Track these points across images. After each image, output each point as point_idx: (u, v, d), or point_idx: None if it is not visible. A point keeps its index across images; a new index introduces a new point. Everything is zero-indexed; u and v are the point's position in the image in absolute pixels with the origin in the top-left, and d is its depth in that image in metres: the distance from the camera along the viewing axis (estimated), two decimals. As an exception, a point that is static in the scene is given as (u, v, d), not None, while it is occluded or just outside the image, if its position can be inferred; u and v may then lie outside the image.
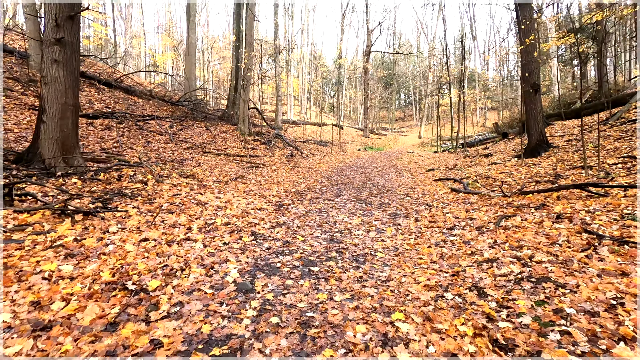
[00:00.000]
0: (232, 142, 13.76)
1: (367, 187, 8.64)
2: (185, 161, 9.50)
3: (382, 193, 7.72)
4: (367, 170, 12.49)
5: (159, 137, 11.51)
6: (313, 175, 10.27)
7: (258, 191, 6.81)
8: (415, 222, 5.03)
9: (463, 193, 6.84)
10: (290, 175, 9.75)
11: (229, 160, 10.75)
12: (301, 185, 8.34)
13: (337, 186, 8.63)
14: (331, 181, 9.44)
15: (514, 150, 12.30)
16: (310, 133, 25.20)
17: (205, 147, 12.12)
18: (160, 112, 14.52)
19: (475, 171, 9.75)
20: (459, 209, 5.50)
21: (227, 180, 7.51)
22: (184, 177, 6.93)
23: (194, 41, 17.11)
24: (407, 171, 12.22)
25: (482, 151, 15.32)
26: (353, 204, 6.35)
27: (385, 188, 8.46)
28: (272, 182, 8.30)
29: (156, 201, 4.98)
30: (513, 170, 8.56)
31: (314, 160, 14.32)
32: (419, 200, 6.73)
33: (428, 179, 9.98)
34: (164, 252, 3.29)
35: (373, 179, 10.18)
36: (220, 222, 4.43)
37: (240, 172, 9.04)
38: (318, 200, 6.66)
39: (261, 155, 13.16)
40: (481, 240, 3.88)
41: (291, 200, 6.43)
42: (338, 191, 7.88)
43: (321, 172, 11.35)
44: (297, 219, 5.09)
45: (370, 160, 16.31)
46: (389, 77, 42.58)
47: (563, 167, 7.74)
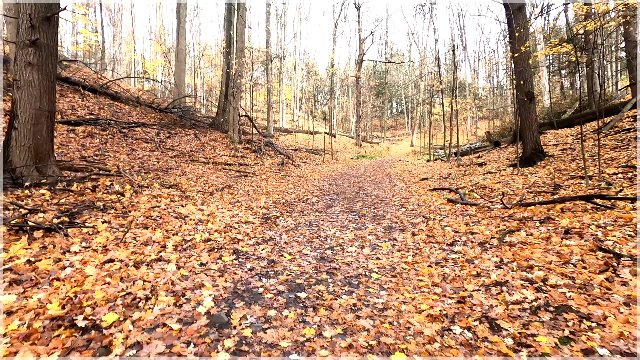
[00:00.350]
0: (221, 150, 13.33)
1: (360, 197, 8.28)
2: (171, 170, 9.05)
3: (375, 204, 7.37)
4: (360, 179, 12.15)
5: (144, 145, 11.04)
6: (304, 185, 9.89)
7: (245, 202, 6.39)
8: (412, 237, 4.67)
9: (460, 204, 6.52)
10: (281, 185, 9.35)
11: (217, 169, 10.32)
12: (291, 195, 7.94)
13: (329, 196, 8.26)
14: (323, 191, 9.06)
15: (508, 159, 12.11)
16: (302, 141, 24.88)
17: (193, 155, 11.68)
18: (148, 119, 14.06)
19: (471, 181, 9.47)
20: (458, 222, 5.16)
21: (213, 190, 7.09)
22: (166, 188, 6.49)
23: (184, 47, 16.75)
24: (401, 180, 11.92)
25: (475, 160, 15.13)
26: (345, 216, 5.97)
27: (379, 198, 8.11)
28: (261, 192, 7.89)
29: (131, 214, 4.54)
30: (510, 180, 8.30)
31: (305, 169, 13.95)
32: (415, 211, 6.38)
33: (422, 189, 9.67)
34: (129, 276, 2.86)
35: (366, 188, 9.84)
36: (200, 238, 4.01)
37: (227, 181, 8.61)
38: (309, 211, 6.27)
39: (251, 163, 12.75)
40: (486, 258, 3.53)
41: (280, 212, 6.03)
42: (330, 202, 7.51)
43: (313, 181, 10.98)
44: (285, 233, 4.69)
45: (363, 169, 16.00)
46: (381, 86, 42.70)
47: (561, 177, 7.49)
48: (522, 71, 9.97)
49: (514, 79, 13.74)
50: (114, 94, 14.37)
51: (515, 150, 13.56)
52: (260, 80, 31.14)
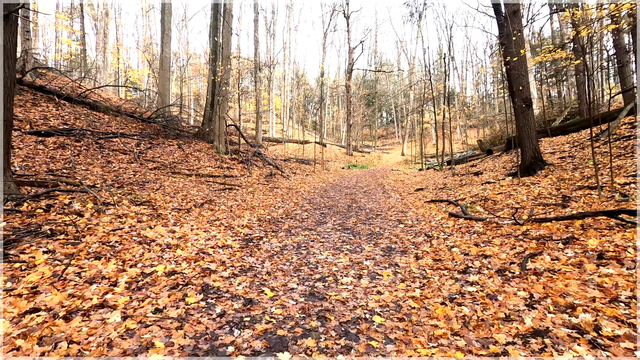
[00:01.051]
0: (206, 161, 12.58)
1: (353, 211, 7.62)
2: (148, 183, 8.28)
3: (370, 219, 6.70)
4: (353, 190, 11.51)
5: (122, 157, 10.24)
6: (293, 198, 9.19)
7: (226, 220, 5.66)
8: (416, 261, 4.00)
9: (464, 219, 5.90)
10: (268, 198, 8.63)
11: (200, 182, 9.57)
12: (279, 210, 7.23)
13: (320, 211, 7.58)
14: (313, 204, 8.38)
15: (505, 168, 11.63)
16: (292, 151, 24.24)
17: (175, 167, 10.91)
18: (128, 129, 13.25)
19: (470, 191, 8.91)
20: (466, 242, 4.52)
21: (191, 207, 6.34)
22: (136, 205, 5.72)
23: (168, 55, 16.07)
24: (395, 191, 11.31)
25: (470, 169, 14.66)
26: (338, 235, 5.28)
27: (373, 212, 7.46)
28: (245, 207, 7.17)
29: (85, 240, 3.78)
30: (511, 191, 7.75)
31: (295, 180, 13.26)
32: (415, 228, 5.73)
33: (419, 200, 9.07)
34: (52, 335, 2.12)
35: (359, 201, 9.19)
36: (163, 270, 3.28)
37: (209, 195, 7.87)
38: (297, 230, 5.56)
39: (238, 175, 12.02)
40: (510, 292, 2.88)
41: (265, 231, 5.32)
42: (321, 217, 6.82)
43: (302, 193, 10.29)
44: (269, 260, 3.97)
45: (355, 179, 15.38)
46: (371, 95, 42.55)
47: (567, 187, 6.96)
48: (519, 77, 9.55)
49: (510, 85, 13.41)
50: (92, 103, 13.55)
51: (511, 159, 13.15)
52: (250, 89, 30.57)
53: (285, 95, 37.12)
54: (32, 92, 12.31)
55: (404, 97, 42.99)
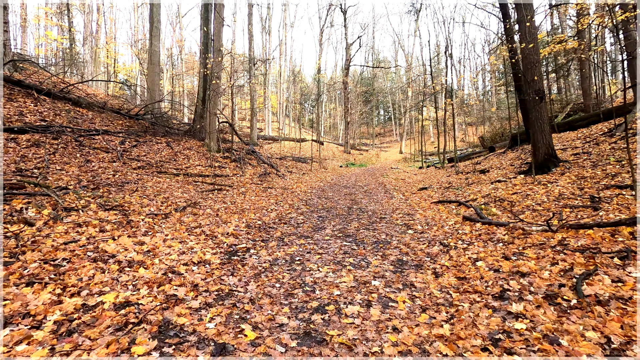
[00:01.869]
0: (196, 159, 11.76)
1: (354, 213, 6.85)
2: (128, 184, 7.47)
3: (374, 223, 5.93)
4: (352, 190, 10.74)
5: (103, 155, 9.42)
6: (288, 199, 8.40)
7: (209, 227, 4.87)
8: (435, 280, 3.24)
9: (481, 223, 5.14)
10: (260, 200, 7.84)
11: (187, 182, 8.76)
12: (271, 214, 6.44)
13: (318, 213, 6.80)
14: (310, 206, 7.60)
15: (513, 166, 10.90)
16: (288, 149, 23.44)
17: (162, 166, 10.09)
18: (114, 126, 12.40)
19: (480, 191, 8.16)
20: (492, 254, 3.76)
21: (171, 210, 5.54)
22: (106, 210, 4.92)
23: (158, 49, 15.19)
24: (398, 191, 10.55)
25: (474, 167, 13.93)
26: (339, 245, 4.51)
27: (377, 215, 6.69)
28: (234, 210, 6.37)
29: (23, 258, 2.99)
30: (527, 191, 7.00)
31: (291, 180, 12.47)
32: (427, 235, 4.97)
33: (424, 201, 8.31)
34: None
35: (360, 201, 8.42)
36: (113, 300, 2.49)
37: (195, 197, 7.07)
38: (291, 238, 4.78)
39: (230, 174, 11.22)
40: (575, 332, 2.11)
41: (253, 240, 4.53)
42: (318, 221, 6.04)
43: (298, 194, 9.50)
44: (254, 279, 3.19)
45: (354, 178, 14.62)
46: (368, 92, 41.79)
47: (591, 187, 6.23)
48: (532, 66, 8.79)
49: (516, 78, 12.67)
50: (75, 99, 12.68)
51: (518, 156, 12.44)
52: (246, 87, 29.69)
53: (281, 93, 36.26)
54: (8, 87, 11.41)
55: (401, 94, 42.28)
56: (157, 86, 15.25)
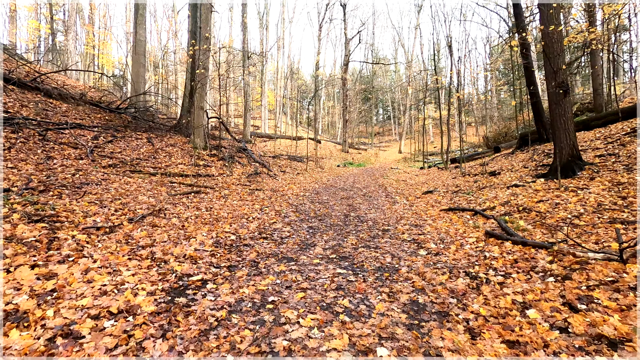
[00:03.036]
0: (179, 157, 10.60)
1: (352, 223, 5.71)
2: (88, 186, 6.32)
3: (376, 237, 4.80)
4: (350, 193, 9.60)
5: (70, 152, 8.27)
6: (277, 204, 7.26)
7: (163, 246, 3.72)
8: (472, 344, 2.11)
9: (511, 243, 4.02)
10: (243, 205, 6.69)
11: (162, 183, 7.60)
12: (252, 224, 5.29)
13: (308, 223, 5.66)
14: (300, 213, 6.46)
15: (527, 168, 9.77)
16: (284, 147, 22.26)
17: (138, 165, 8.94)
18: (90, 119, 11.22)
19: (495, 197, 7.04)
20: (544, 295, 2.62)
21: (123, 221, 4.39)
22: (32, 222, 3.76)
23: (143, 38, 13.98)
24: (400, 194, 9.42)
25: (481, 168, 12.82)
26: (331, 272, 3.37)
27: (378, 226, 5.56)
28: (207, 219, 5.22)
29: None
30: (554, 198, 5.89)
31: (283, 180, 11.32)
32: (444, 258, 3.83)
33: (431, 207, 7.19)
34: None
35: (359, 207, 7.29)
36: None
37: (163, 202, 5.91)
38: (269, 262, 3.64)
39: (215, 174, 10.06)
40: None
41: (216, 266, 3.38)
42: (308, 234, 4.90)
43: (289, 197, 8.36)
44: (195, 345, 2.05)
45: (352, 179, 13.47)
46: (367, 90, 40.61)
47: (634, 195, 5.11)
48: (554, 57, 7.66)
49: (532, 70, 11.54)
50: (49, 90, 11.49)
51: (531, 157, 11.34)
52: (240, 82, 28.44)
53: (279, 90, 35.04)
54: (-30, 75, 10.21)
55: (401, 93, 41.14)
56: (142, 78, 14.04)
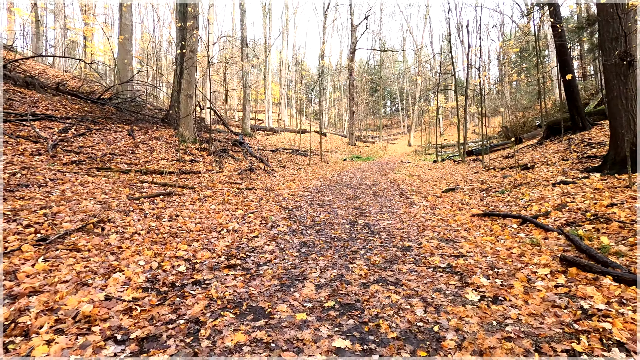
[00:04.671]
0: (162, 152, 9.19)
1: (359, 236, 4.21)
2: (28, 187, 4.95)
3: (394, 262, 3.30)
4: (357, 191, 8.09)
5: (27, 146, 6.94)
6: (267, 207, 5.79)
7: (54, 293, 2.29)
8: None
9: (611, 279, 2.49)
10: (222, 211, 5.23)
11: (127, 183, 6.18)
12: (223, 240, 3.83)
13: (301, 237, 4.18)
14: (293, 221, 4.98)
15: (568, 160, 8.10)
16: (288, 141, 20.78)
17: (110, 161, 7.56)
18: (66, 111, 9.87)
19: (542, 197, 5.44)
20: None
21: (24, 244, 2.97)
22: None
23: (129, 22, 12.56)
24: (417, 193, 7.87)
25: (505, 161, 11.15)
26: (325, 344, 1.89)
27: (395, 240, 4.05)
28: (161, 235, 3.77)
29: None
30: (631, 200, 4.30)
31: (281, 177, 9.84)
32: (511, 310, 2.31)
33: (459, 210, 5.65)
34: None
35: (368, 211, 5.78)
36: None
37: (113, 209, 4.48)
38: (222, 320, 2.18)
39: (202, 170, 8.63)
40: None
41: (120, 340, 1.94)
42: (298, 258, 3.42)
43: (284, 198, 6.88)
44: None
45: (360, 174, 11.94)
46: (374, 82, 38.71)
47: None
48: (610, 22, 5.98)
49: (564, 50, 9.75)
50: (20, 79, 10.16)
51: (568, 148, 9.66)
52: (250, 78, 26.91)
53: (283, 81, 33.43)
54: None
55: (410, 84, 39.16)
56: (129, 66, 12.65)
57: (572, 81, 10.76)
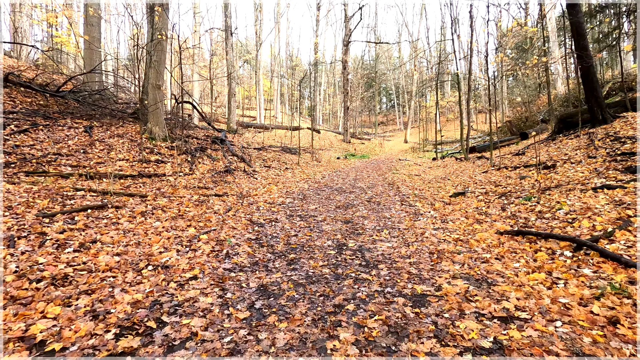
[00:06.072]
0: (123, 151, 7.78)
1: (347, 274, 2.86)
2: None
3: (402, 334, 1.96)
4: (349, 197, 6.74)
5: (-60, 145, 5.48)
6: (231, 223, 4.41)
7: None
8: None
9: None
10: (164, 232, 3.85)
11: (54, 193, 4.78)
12: (135, 289, 2.44)
13: (263, 274, 2.81)
14: (259, 246, 3.61)
15: (595, 158, 6.80)
16: (279, 138, 19.37)
17: (51, 163, 6.15)
18: (12, 104, 8.40)
19: (589, 208, 4.12)
20: None
21: None
22: None
23: (96, 4, 11.05)
24: (420, 198, 6.53)
25: (516, 159, 9.85)
26: None
27: (401, 278, 2.70)
28: (32, 288, 2.41)
29: None
30: None
31: (263, 179, 8.46)
32: None
33: (478, 224, 4.32)
34: None
35: (361, 226, 4.43)
36: None
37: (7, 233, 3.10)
38: None
39: (169, 172, 7.24)
40: None
41: None
42: (243, 330, 2.08)
43: (259, 207, 5.50)
44: None
45: (354, 175, 10.58)
46: (370, 77, 37.28)
47: None
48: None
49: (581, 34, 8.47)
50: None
51: (591, 143, 8.39)
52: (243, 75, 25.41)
53: (276, 79, 31.91)
54: None
55: (406, 79, 37.79)
56: (96, 55, 11.17)
57: (591, 68, 9.45)
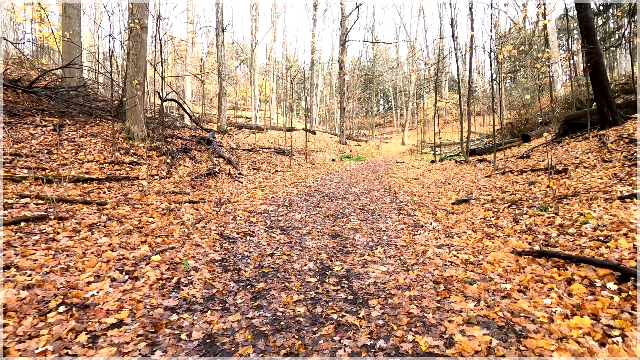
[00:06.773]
0: (94, 151, 7.03)
1: (327, 317, 2.13)
2: None
3: None
4: (341, 204, 6.02)
5: None
6: (194, 238, 3.70)
7: None
8: None
9: None
10: (107, 252, 3.13)
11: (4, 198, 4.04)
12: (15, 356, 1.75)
13: (214, 317, 2.10)
14: (222, 271, 2.89)
15: (611, 162, 6.13)
16: (274, 139, 18.66)
17: (7, 164, 5.40)
18: (-23, 100, 7.65)
19: (621, 222, 3.43)
20: None
21: None
22: None
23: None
24: (420, 206, 5.82)
25: (521, 163, 9.19)
26: None
27: (395, 328, 1.98)
28: None
29: None
30: None
31: (248, 183, 7.73)
32: None
33: (488, 239, 3.62)
34: None
35: (352, 242, 3.72)
36: None
37: None
38: None
39: (143, 175, 6.50)
40: None
41: None
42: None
43: (236, 217, 4.78)
44: None
45: (348, 178, 9.88)
46: (367, 77, 36.65)
47: None
48: None
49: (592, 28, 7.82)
50: None
51: (602, 146, 7.74)
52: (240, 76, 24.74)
53: (273, 80, 31.20)
54: None
55: (403, 80, 37.20)
56: (75, 49, 10.41)
57: (601, 67, 8.82)
